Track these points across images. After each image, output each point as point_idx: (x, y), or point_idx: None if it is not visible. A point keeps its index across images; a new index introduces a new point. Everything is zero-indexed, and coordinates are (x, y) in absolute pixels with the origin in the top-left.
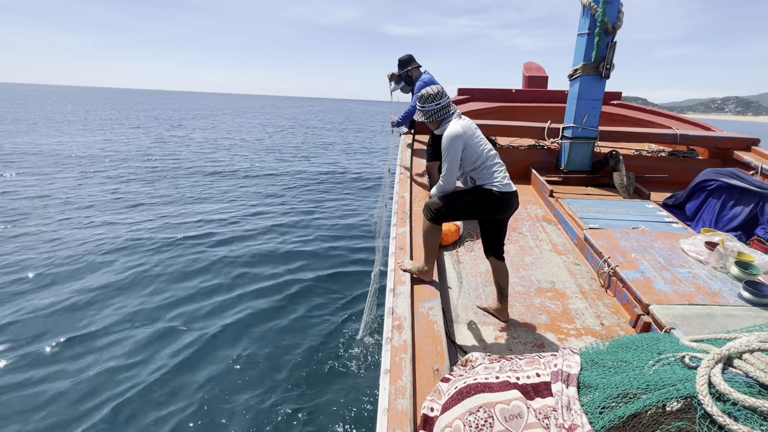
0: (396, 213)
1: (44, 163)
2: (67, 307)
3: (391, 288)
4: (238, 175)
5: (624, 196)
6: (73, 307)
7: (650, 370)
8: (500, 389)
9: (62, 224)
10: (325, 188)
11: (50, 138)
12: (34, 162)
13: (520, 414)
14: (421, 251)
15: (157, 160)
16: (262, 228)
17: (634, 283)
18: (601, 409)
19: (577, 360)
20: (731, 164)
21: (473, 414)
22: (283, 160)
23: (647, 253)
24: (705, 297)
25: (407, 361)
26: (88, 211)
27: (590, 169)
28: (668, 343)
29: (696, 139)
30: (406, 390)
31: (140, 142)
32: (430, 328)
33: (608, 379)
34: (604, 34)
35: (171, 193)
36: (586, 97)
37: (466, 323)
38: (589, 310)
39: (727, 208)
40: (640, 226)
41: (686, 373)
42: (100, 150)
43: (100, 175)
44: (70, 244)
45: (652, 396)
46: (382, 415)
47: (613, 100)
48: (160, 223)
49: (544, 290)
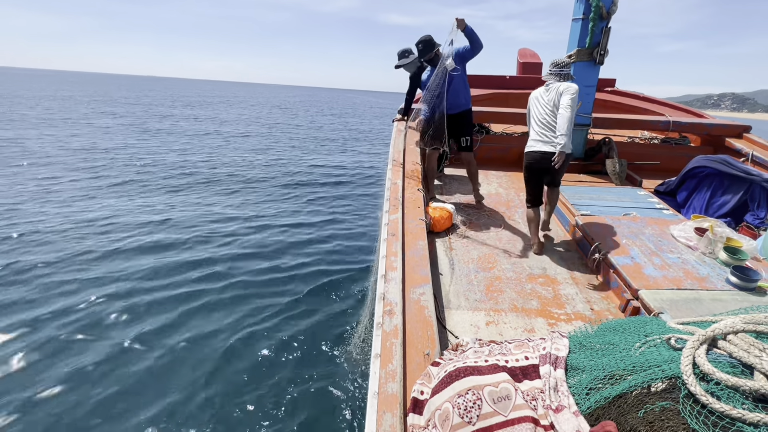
0: (388, 199)
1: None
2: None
3: (382, 274)
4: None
5: (616, 183)
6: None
7: (637, 352)
8: (489, 372)
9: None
10: (326, 181)
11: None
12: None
13: (508, 396)
14: (413, 237)
15: (141, 157)
16: (249, 223)
17: (624, 268)
18: (587, 390)
19: (565, 343)
20: (723, 151)
21: (462, 396)
22: (278, 151)
23: (638, 239)
24: (693, 282)
25: (398, 345)
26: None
27: (583, 156)
28: (655, 325)
29: (688, 126)
30: (396, 374)
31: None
32: (421, 314)
33: (595, 361)
34: (598, 19)
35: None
36: (580, 83)
37: (458, 309)
38: (580, 296)
39: (717, 195)
40: (631, 212)
41: (671, 354)
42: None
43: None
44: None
45: (638, 377)
46: (372, 399)
47: (607, 87)
48: (158, 219)
49: (536, 276)
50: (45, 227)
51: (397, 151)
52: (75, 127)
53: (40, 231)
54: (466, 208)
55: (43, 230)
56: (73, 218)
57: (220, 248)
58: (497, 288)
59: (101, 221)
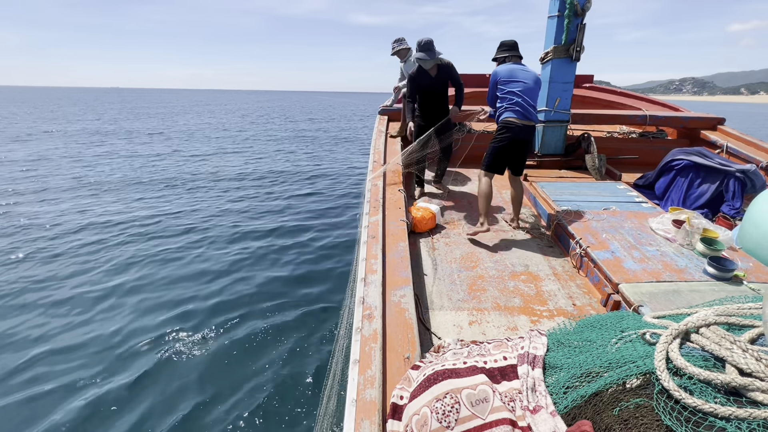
0: (368, 201)
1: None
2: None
3: (362, 277)
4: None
5: (596, 178)
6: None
7: (613, 348)
8: (467, 374)
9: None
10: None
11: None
12: None
13: (486, 398)
14: (394, 239)
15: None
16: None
17: (604, 263)
18: (565, 389)
19: (544, 341)
20: (699, 143)
21: (440, 400)
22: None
23: (617, 233)
24: (672, 274)
25: (377, 350)
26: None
27: (563, 152)
28: (632, 320)
29: (665, 120)
30: (375, 379)
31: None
32: (402, 316)
33: (573, 359)
34: (573, 16)
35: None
36: (558, 80)
37: (441, 309)
38: (562, 291)
39: (694, 187)
40: (611, 206)
41: (646, 349)
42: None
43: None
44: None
45: (614, 374)
46: (350, 406)
47: (585, 83)
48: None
49: (518, 273)
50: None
51: (378, 152)
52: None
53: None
54: (450, 208)
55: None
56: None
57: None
58: (480, 287)
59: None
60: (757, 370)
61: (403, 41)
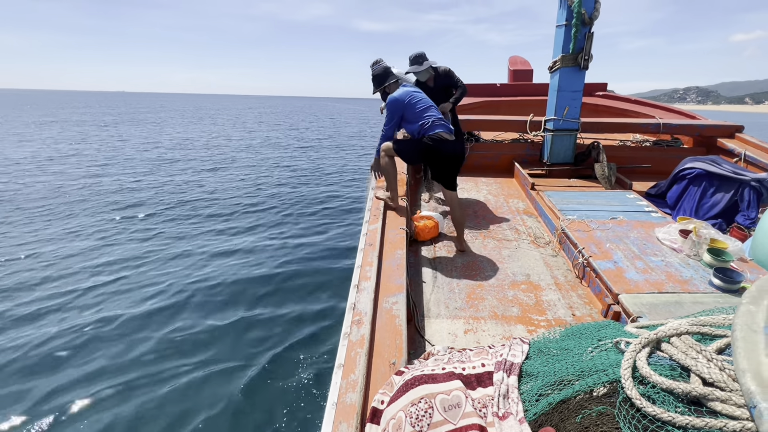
0: (369, 209)
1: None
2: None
3: (355, 284)
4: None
5: (606, 187)
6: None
7: (588, 357)
8: (444, 380)
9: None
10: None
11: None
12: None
13: (458, 404)
14: (392, 246)
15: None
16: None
17: (606, 273)
18: (537, 396)
19: (524, 350)
20: (715, 152)
21: (415, 405)
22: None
23: (622, 243)
24: (675, 285)
25: (362, 355)
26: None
27: (573, 161)
28: (611, 329)
29: (679, 128)
30: (357, 384)
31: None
32: (392, 323)
33: (549, 367)
34: (581, 25)
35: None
36: (566, 88)
37: (437, 317)
38: (562, 301)
39: (707, 196)
40: (618, 216)
41: (617, 358)
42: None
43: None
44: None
45: (584, 382)
46: (330, 409)
47: (598, 91)
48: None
49: (519, 283)
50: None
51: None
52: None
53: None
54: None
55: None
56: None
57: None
58: (479, 295)
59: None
60: (720, 379)
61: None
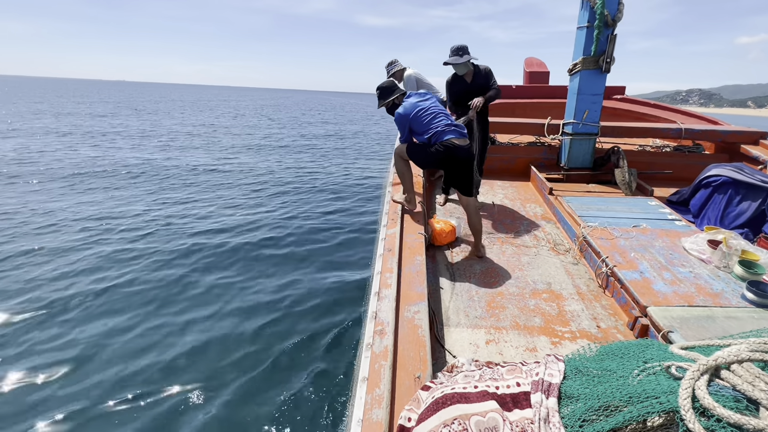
0: (387, 213)
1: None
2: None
3: (376, 291)
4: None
5: (626, 193)
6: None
7: (634, 381)
8: (477, 400)
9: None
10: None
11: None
12: None
13: (495, 427)
14: (411, 252)
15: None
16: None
17: (632, 283)
18: (581, 422)
19: (560, 368)
20: (739, 159)
21: (447, 426)
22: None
23: (647, 253)
24: (706, 298)
25: (387, 368)
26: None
27: (592, 165)
28: (656, 350)
29: (701, 134)
30: (383, 399)
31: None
32: (414, 333)
33: (591, 389)
34: (603, 26)
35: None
36: (587, 92)
37: (457, 326)
38: (586, 312)
39: (733, 205)
40: (641, 224)
41: (671, 384)
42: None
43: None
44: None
45: (634, 409)
46: (355, 426)
47: (616, 95)
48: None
49: (540, 291)
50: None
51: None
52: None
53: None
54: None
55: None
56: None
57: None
58: (499, 304)
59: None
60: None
61: (396, 63)
